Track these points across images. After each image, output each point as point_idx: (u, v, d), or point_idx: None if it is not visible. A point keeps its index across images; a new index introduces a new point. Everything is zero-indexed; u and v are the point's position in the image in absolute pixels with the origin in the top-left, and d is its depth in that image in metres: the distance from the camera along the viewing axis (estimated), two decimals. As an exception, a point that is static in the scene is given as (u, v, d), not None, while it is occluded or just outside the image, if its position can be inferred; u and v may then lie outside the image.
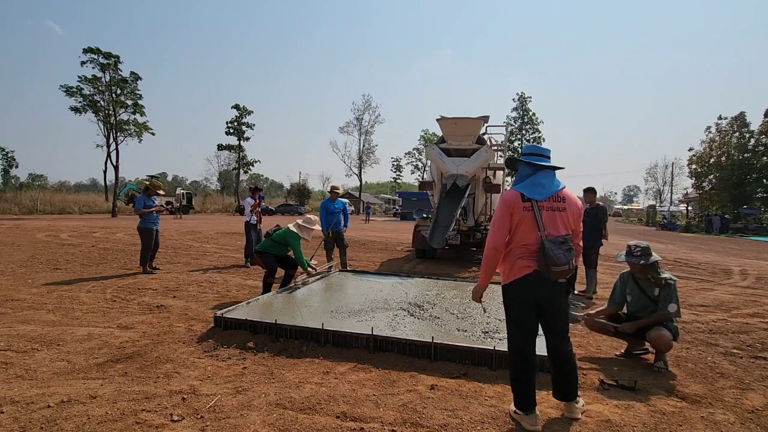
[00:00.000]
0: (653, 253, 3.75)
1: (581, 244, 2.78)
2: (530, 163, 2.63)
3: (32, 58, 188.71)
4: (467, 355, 3.43)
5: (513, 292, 2.62)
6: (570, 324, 4.89)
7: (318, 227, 5.78)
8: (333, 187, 8.10)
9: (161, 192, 8.32)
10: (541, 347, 2.97)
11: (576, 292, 6.78)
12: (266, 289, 5.58)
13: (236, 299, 5.56)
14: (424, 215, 11.46)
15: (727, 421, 2.69)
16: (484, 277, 2.70)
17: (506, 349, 2.78)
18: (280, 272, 5.80)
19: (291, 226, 5.60)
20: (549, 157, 2.68)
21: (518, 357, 2.61)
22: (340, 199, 8.03)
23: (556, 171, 2.69)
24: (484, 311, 2.86)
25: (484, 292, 2.75)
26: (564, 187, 2.64)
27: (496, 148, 11.16)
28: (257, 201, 9.12)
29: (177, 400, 2.69)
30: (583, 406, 2.71)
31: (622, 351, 4.00)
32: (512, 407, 2.64)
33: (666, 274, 3.75)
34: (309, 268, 5.79)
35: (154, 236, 7.76)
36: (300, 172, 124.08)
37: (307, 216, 5.83)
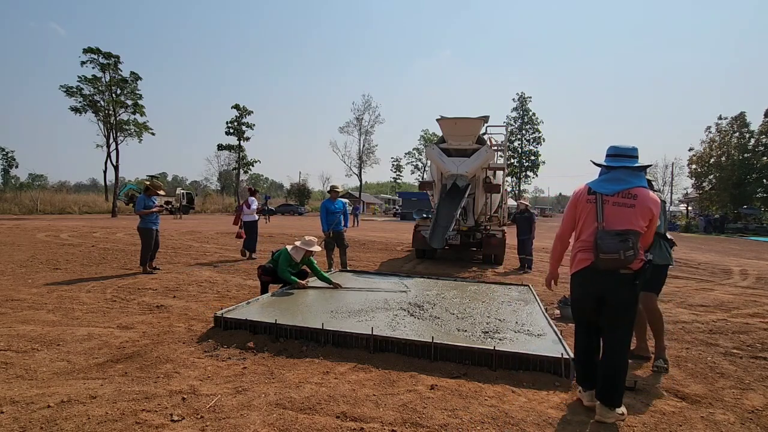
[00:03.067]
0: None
1: (647, 243, 2.75)
2: (604, 165, 2.81)
3: (34, 58, 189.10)
4: (467, 355, 3.43)
5: (574, 282, 2.87)
6: (570, 324, 4.90)
7: (316, 248, 5.70)
8: (333, 187, 8.09)
9: (161, 192, 8.33)
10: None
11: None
12: (264, 287, 5.60)
13: (236, 299, 5.56)
14: (424, 215, 11.47)
15: (727, 421, 2.69)
16: (551, 264, 3.09)
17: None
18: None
19: (288, 247, 5.64)
20: (631, 156, 2.75)
21: (577, 339, 2.91)
22: (340, 199, 8.04)
23: (640, 169, 2.75)
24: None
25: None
26: (641, 186, 2.67)
27: (496, 148, 11.18)
28: (264, 202, 9.98)
29: (177, 400, 2.69)
30: (622, 415, 2.61)
31: None
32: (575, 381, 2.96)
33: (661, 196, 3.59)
34: (301, 282, 5.65)
35: (154, 236, 7.76)
36: (300, 172, 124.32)
37: (307, 238, 5.74)
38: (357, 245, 13.60)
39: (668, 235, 3.71)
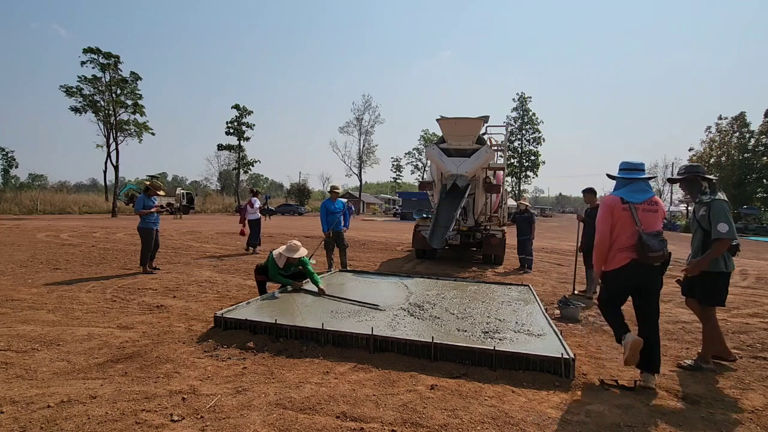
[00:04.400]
0: (700, 172, 3.68)
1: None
2: (624, 178, 3.29)
3: (35, 59, 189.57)
4: (467, 355, 3.43)
5: (614, 276, 3.25)
6: (570, 324, 4.91)
7: (301, 252, 5.46)
8: (333, 187, 8.09)
9: (161, 192, 8.31)
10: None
11: (576, 292, 6.78)
12: (261, 287, 5.53)
13: (236, 299, 5.56)
14: (424, 215, 11.46)
15: (727, 421, 2.69)
16: (597, 263, 3.37)
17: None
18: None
19: (275, 252, 5.47)
20: (643, 170, 3.29)
21: (608, 308, 3.33)
22: (340, 199, 8.03)
23: (650, 180, 3.31)
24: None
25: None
26: (654, 194, 3.25)
27: (496, 148, 11.17)
28: (265, 202, 10.87)
29: (177, 400, 2.69)
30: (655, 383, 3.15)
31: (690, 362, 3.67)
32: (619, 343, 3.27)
33: (718, 195, 3.52)
34: (296, 283, 5.55)
35: (154, 236, 7.76)
36: (300, 172, 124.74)
37: (292, 243, 5.49)
38: (357, 245, 13.59)
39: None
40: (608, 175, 3.46)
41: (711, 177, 3.72)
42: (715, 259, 3.52)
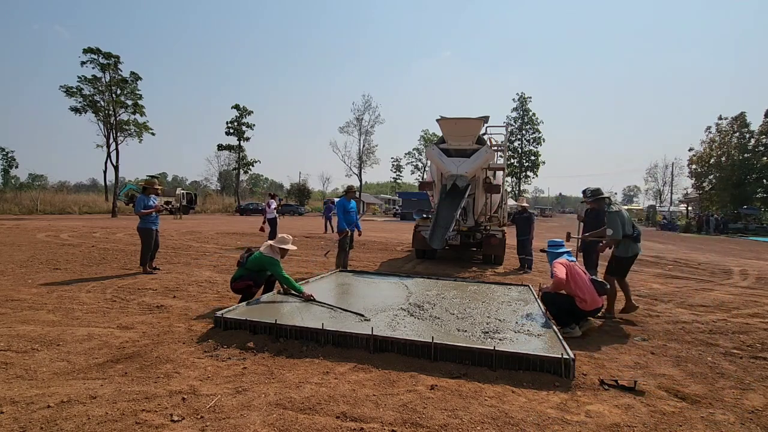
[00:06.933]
0: (602, 193, 6.08)
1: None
2: (556, 252, 4.97)
3: (36, 60, 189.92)
4: (467, 355, 3.43)
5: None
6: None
7: (292, 247, 5.21)
8: (349, 187, 8.08)
9: (158, 187, 8.19)
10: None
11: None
12: (246, 294, 5.07)
13: (236, 299, 5.55)
14: (424, 215, 11.46)
15: (727, 421, 2.69)
16: (554, 288, 4.65)
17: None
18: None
19: (263, 250, 5.08)
20: (563, 245, 5.00)
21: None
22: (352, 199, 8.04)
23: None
24: None
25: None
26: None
27: (496, 148, 11.17)
28: (279, 203, 12.41)
29: (177, 400, 2.69)
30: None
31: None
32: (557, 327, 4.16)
33: (613, 208, 5.40)
34: (300, 292, 5.01)
35: (154, 236, 7.75)
36: (300, 172, 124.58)
37: (281, 235, 5.27)
38: (357, 245, 13.57)
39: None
40: (542, 250, 5.24)
41: (608, 197, 6.07)
42: (621, 246, 5.34)
